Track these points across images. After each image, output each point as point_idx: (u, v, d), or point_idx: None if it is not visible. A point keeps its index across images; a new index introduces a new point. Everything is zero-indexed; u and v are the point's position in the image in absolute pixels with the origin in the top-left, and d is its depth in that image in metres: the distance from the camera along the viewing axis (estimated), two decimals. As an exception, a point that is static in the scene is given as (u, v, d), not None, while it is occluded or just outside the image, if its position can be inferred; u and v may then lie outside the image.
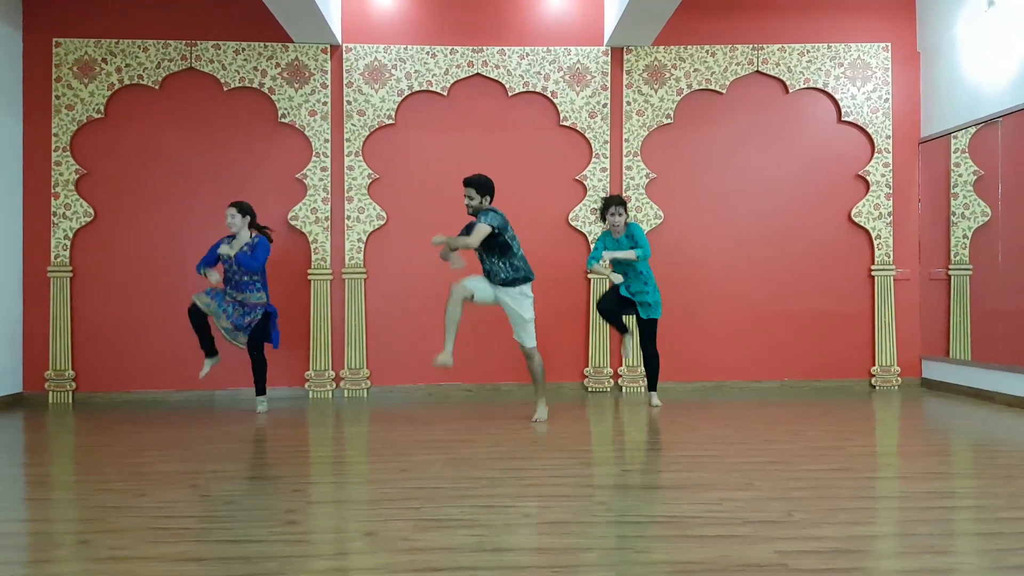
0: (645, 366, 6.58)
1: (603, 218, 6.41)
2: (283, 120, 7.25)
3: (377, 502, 3.65)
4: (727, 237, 7.49)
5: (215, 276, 6.14)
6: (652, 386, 6.60)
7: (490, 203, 5.72)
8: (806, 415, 6.07)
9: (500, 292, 5.68)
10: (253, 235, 6.31)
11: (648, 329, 6.40)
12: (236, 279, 6.23)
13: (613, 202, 6.31)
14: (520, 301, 5.69)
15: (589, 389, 7.41)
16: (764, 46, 7.53)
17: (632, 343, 6.83)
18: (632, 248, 6.23)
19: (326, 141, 7.28)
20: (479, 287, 5.67)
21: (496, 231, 5.50)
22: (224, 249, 6.17)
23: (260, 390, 6.49)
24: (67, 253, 7.09)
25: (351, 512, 3.53)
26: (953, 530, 3.26)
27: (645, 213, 7.39)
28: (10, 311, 6.99)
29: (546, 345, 7.32)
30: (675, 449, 4.89)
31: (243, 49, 7.23)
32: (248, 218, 6.30)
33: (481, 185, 5.64)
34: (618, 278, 6.24)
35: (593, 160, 7.42)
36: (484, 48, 7.39)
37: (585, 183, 7.42)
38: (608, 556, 2.90)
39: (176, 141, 7.23)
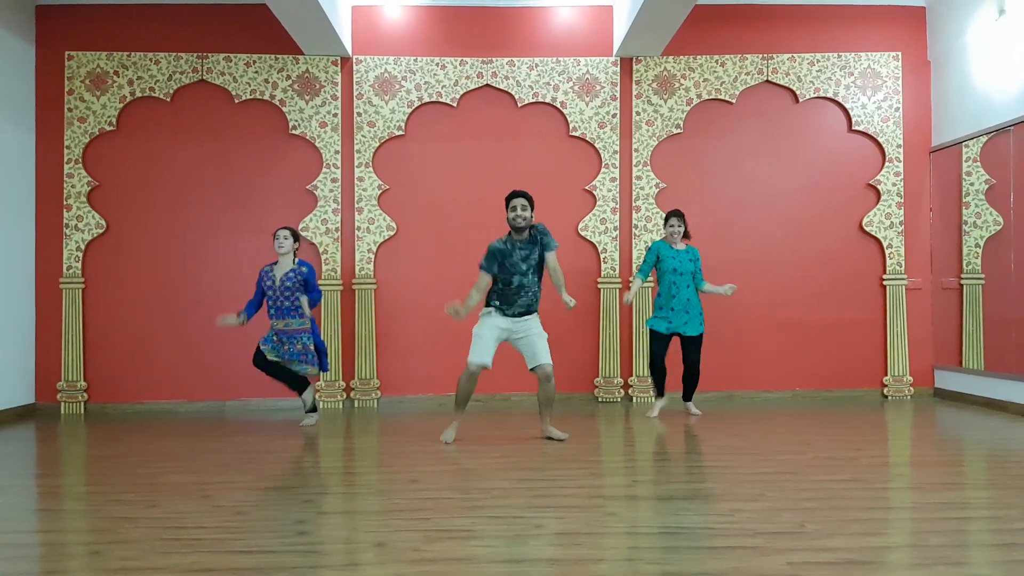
0: (690, 378, 6.58)
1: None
2: (294, 132, 7.29)
3: (387, 513, 3.65)
4: (737, 247, 7.48)
5: (232, 319, 6.12)
6: (690, 396, 6.69)
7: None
8: (818, 425, 6.04)
9: (515, 324, 5.44)
10: (296, 260, 6.19)
11: (698, 343, 6.45)
12: (280, 304, 6.07)
13: (673, 214, 6.46)
14: (536, 321, 5.54)
15: (599, 399, 7.39)
16: (774, 56, 7.53)
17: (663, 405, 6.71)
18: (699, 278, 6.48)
19: (336, 152, 7.31)
20: (490, 348, 5.43)
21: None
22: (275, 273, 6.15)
23: (312, 407, 6.38)
24: (79, 264, 7.13)
25: (361, 523, 3.53)
26: (966, 541, 3.24)
27: (655, 223, 7.39)
28: (22, 322, 7.03)
29: (556, 356, 7.29)
30: (686, 460, 4.87)
31: (254, 61, 7.28)
32: (298, 245, 6.27)
33: (532, 198, 5.47)
34: (629, 297, 6.29)
35: (603, 170, 7.43)
36: (493, 59, 7.41)
37: (595, 193, 7.42)
38: (619, 567, 2.89)
39: (187, 153, 7.27)
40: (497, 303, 5.45)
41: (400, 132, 7.36)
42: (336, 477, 4.64)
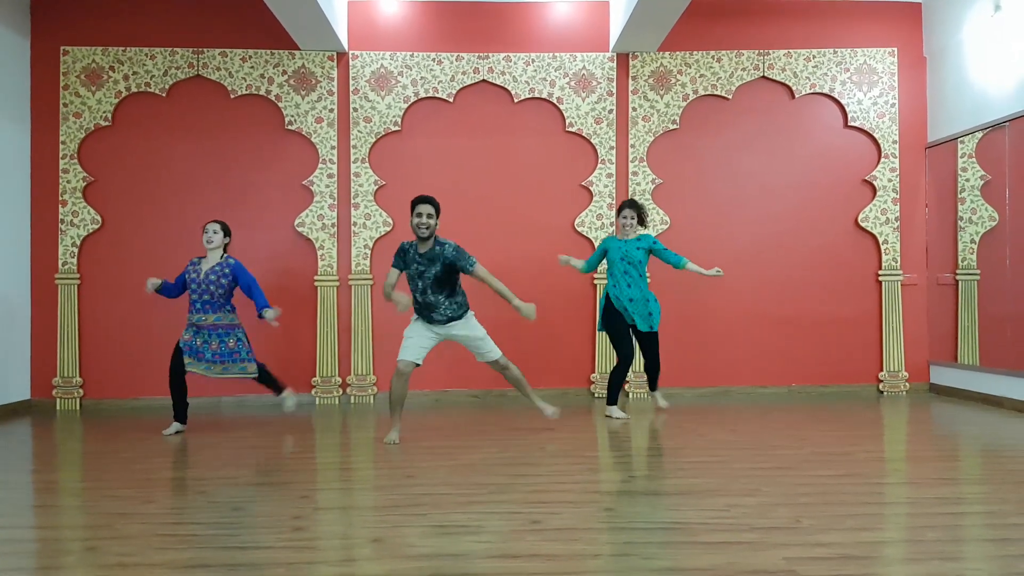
0: (650, 371, 6.53)
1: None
2: (290, 127, 7.28)
3: (384, 508, 3.65)
4: (733, 242, 7.48)
5: (154, 282, 5.72)
6: (654, 386, 6.64)
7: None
8: (813, 420, 6.06)
9: (444, 331, 5.33)
10: (224, 255, 5.83)
11: (655, 339, 6.36)
12: (203, 298, 5.70)
13: (627, 204, 6.22)
14: (468, 325, 5.40)
15: (596, 395, 7.40)
16: (770, 51, 7.53)
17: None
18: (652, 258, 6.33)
19: (332, 148, 7.29)
20: (420, 347, 5.29)
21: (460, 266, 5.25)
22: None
23: (277, 388, 6.01)
24: (75, 260, 7.12)
25: (358, 518, 3.53)
26: (962, 536, 3.24)
27: (652, 219, 7.39)
28: (18, 318, 7.02)
29: (551, 351, 7.32)
30: (681, 455, 4.87)
31: (250, 57, 7.26)
32: (228, 240, 5.88)
33: (439, 206, 5.28)
34: (565, 259, 6.27)
35: (599, 166, 7.42)
36: (490, 55, 7.40)
37: (591, 189, 7.42)
38: (615, 562, 2.89)
39: (183, 148, 7.26)
40: (416, 315, 5.39)
41: (396, 128, 7.35)
42: (332, 473, 4.64)
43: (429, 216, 5.15)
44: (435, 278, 5.19)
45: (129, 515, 3.55)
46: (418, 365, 5.31)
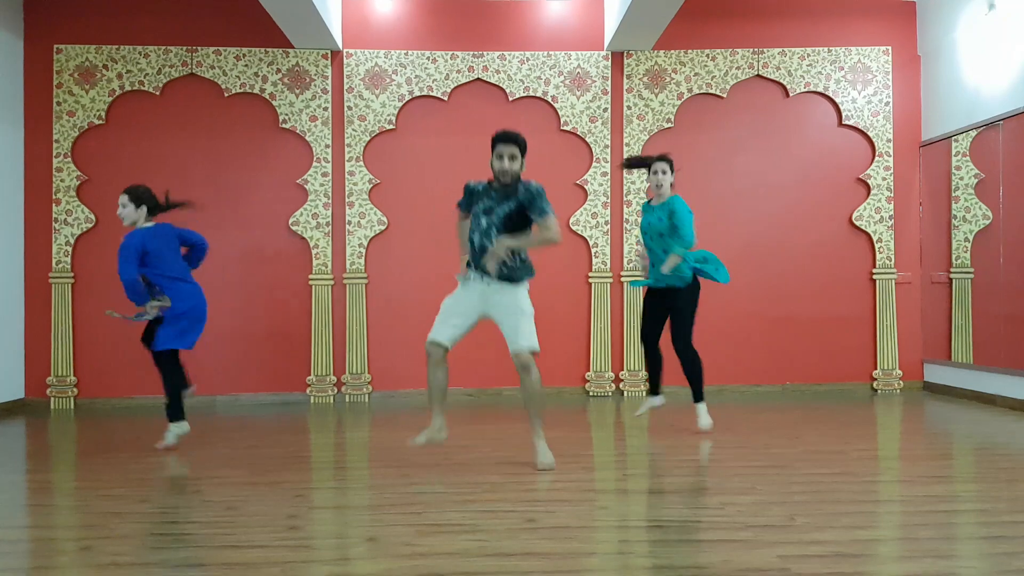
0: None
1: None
2: (284, 125, 7.26)
3: (379, 507, 3.65)
4: (728, 241, 7.47)
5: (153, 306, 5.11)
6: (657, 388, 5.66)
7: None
8: (807, 419, 6.07)
9: (491, 292, 4.36)
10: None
11: (676, 312, 5.44)
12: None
13: (659, 158, 5.40)
14: (518, 294, 4.37)
15: (590, 394, 7.40)
16: (764, 50, 7.54)
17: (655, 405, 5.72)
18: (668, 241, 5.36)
19: (327, 146, 7.28)
20: (453, 326, 4.39)
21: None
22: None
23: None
24: (68, 259, 7.10)
25: (353, 517, 3.53)
26: (955, 534, 3.26)
27: (646, 217, 7.39)
28: (12, 317, 6.99)
29: (547, 350, 7.30)
30: (676, 453, 4.88)
31: (244, 55, 7.24)
32: (144, 209, 5.23)
33: (524, 145, 4.39)
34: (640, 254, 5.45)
35: (594, 164, 7.43)
36: (484, 53, 7.40)
37: (586, 187, 7.42)
38: (610, 561, 2.90)
39: (177, 147, 7.24)
40: (468, 260, 4.48)
41: (391, 126, 7.34)
42: (327, 472, 4.64)
43: (512, 158, 4.31)
44: (506, 216, 4.32)
45: (123, 514, 3.54)
46: (447, 349, 4.38)
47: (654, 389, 5.63)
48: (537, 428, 4.46)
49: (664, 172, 5.37)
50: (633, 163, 5.69)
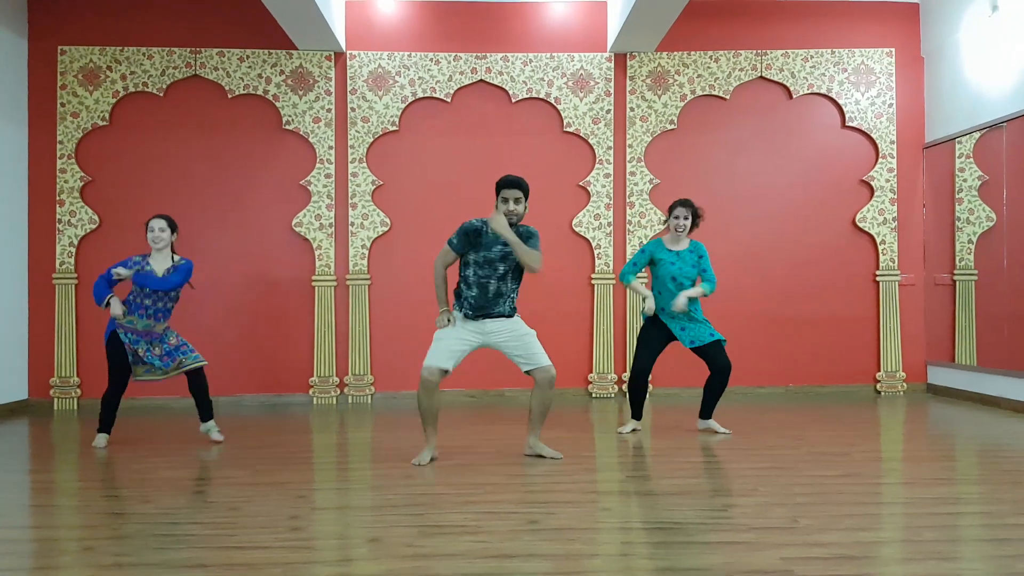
0: (716, 386, 5.54)
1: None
2: (287, 127, 7.27)
3: (381, 508, 3.65)
4: (731, 243, 7.48)
5: (119, 307, 5.05)
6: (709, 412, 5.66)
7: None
8: (811, 421, 6.06)
9: (490, 330, 4.57)
10: (174, 255, 5.29)
11: (718, 347, 5.46)
12: (146, 303, 5.13)
13: (681, 204, 5.49)
14: (517, 323, 4.65)
15: (593, 395, 7.40)
16: (768, 51, 7.54)
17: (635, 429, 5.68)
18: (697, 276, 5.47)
19: (330, 148, 7.29)
20: (452, 351, 4.52)
21: None
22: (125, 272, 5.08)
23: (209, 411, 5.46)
24: (72, 260, 7.11)
25: (355, 518, 3.53)
26: (959, 536, 3.25)
27: (649, 219, 7.39)
28: (16, 318, 7.00)
29: (549, 351, 7.29)
30: (679, 455, 4.87)
31: (247, 56, 7.25)
32: (175, 236, 5.30)
33: (527, 189, 4.55)
34: (650, 309, 5.42)
35: (596, 166, 7.42)
36: (488, 55, 7.40)
37: (588, 189, 7.42)
38: (612, 562, 2.89)
39: (180, 148, 7.25)
40: (463, 309, 4.60)
41: (394, 128, 7.34)
42: (330, 473, 4.64)
43: (517, 202, 4.46)
44: (517, 264, 4.54)
45: (126, 515, 3.54)
46: (447, 373, 4.55)
47: (638, 414, 5.65)
48: (539, 431, 4.78)
49: (686, 218, 5.48)
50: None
